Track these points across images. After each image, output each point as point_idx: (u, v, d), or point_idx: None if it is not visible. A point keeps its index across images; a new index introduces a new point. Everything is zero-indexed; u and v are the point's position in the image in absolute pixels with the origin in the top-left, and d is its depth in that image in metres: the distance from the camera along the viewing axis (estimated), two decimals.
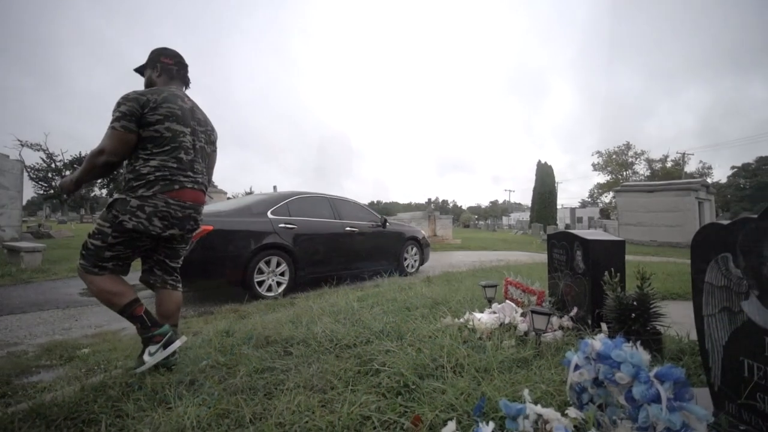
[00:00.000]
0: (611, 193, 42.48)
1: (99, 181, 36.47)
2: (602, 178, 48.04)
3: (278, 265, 4.48)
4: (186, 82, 2.11)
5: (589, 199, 54.09)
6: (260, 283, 4.30)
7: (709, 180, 34.03)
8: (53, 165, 34.22)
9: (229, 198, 35.14)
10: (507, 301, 2.49)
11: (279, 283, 4.48)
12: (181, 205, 1.85)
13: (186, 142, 1.89)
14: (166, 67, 2.01)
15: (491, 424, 1.03)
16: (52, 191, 34.91)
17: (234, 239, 4.18)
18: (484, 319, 2.27)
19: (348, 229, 5.42)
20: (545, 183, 30.90)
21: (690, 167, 42.89)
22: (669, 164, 43.23)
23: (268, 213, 4.61)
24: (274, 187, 21.10)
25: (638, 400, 0.98)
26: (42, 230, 12.95)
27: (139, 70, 2.08)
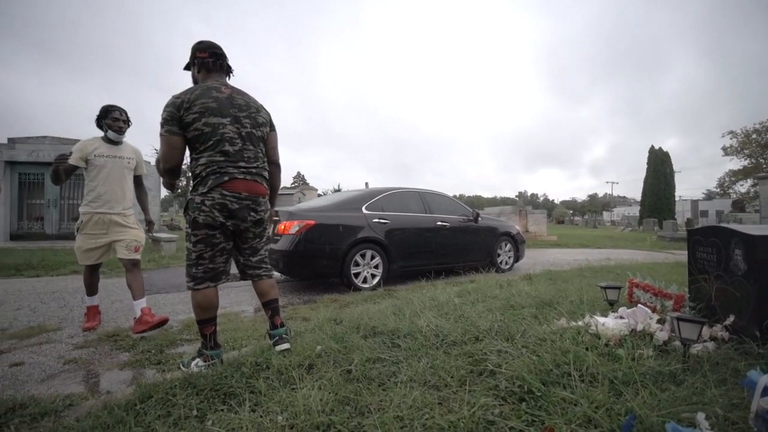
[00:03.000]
0: (749, 181, 35.19)
1: None
2: (736, 163, 39.97)
3: (372, 258, 4.60)
4: (226, 71, 2.10)
5: (718, 189, 45.50)
6: (356, 275, 4.46)
7: None
8: None
9: (319, 195, 37.36)
10: (639, 305, 2.18)
11: (373, 276, 4.60)
12: (236, 196, 1.89)
13: (228, 133, 1.89)
14: (202, 62, 2.03)
15: None
16: (179, 191, 41.04)
17: (333, 233, 4.39)
18: (609, 324, 2.01)
19: (439, 223, 5.33)
20: (659, 172, 26.86)
21: None
22: None
23: (363, 208, 4.75)
24: (366, 184, 21.84)
25: None
26: (174, 224, 15.27)
27: (187, 68, 2.13)
